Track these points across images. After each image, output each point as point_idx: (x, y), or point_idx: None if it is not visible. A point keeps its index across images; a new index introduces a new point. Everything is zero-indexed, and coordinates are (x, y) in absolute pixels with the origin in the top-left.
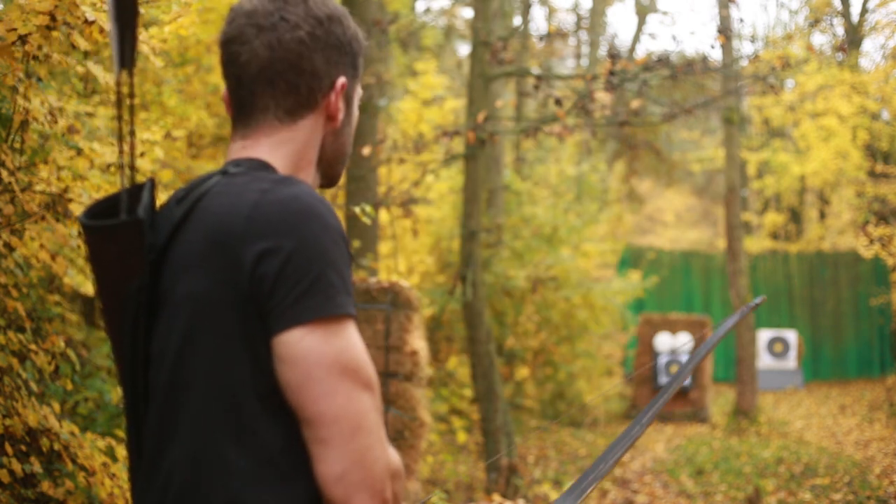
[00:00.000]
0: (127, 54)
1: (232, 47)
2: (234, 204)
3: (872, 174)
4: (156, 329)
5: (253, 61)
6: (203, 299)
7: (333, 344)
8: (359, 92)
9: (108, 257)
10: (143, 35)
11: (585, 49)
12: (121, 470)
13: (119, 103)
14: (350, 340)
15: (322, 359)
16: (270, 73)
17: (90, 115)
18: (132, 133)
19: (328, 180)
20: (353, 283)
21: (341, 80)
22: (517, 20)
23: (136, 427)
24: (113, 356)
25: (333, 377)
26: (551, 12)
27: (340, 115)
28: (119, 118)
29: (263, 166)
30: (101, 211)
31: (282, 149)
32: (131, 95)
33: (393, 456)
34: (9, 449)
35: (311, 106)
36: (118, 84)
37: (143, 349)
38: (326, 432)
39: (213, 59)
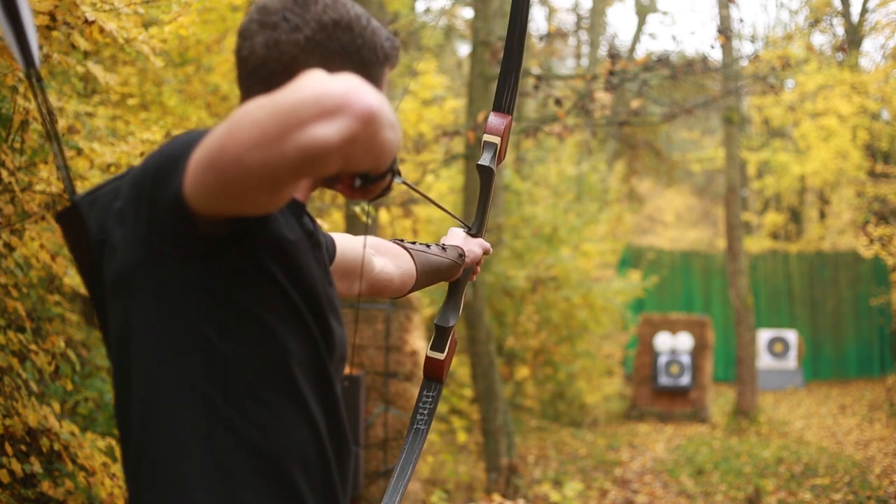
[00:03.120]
0: (28, 54)
1: (239, 40)
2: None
3: (872, 174)
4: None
5: (250, 58)
6: (128, 279)
7: (198, 150)
8: None
9: (70, 245)
10: (142, 35)
11: (585, 49)
12: (121, 470)
13: (38, 104)
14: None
15: (210, 149)
16: (264, 72)
17: (90, 115)
18: (55, 128)
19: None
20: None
21: None
22: None
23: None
24: None
25: (226, 139)
26: (551, 12)
27: None
28: (43, 116)
29: None
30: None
31: None
32: (44, 94)
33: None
34: (9, 449)
35: None
36: (30, 80)
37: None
38: (288, 122)
39: (213, 59)
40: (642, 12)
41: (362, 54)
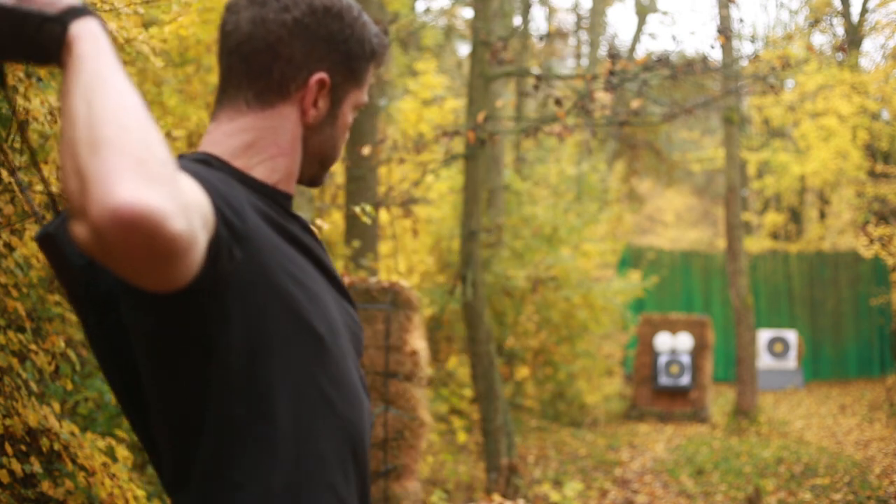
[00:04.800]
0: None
1: (225, 14)
2: None
3: (872, 174)
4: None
5: (234, 33)
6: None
7: None
8: (357, 97)
9: (53, 269)
10: (142, 35)
11: (585, 49)
12: (121, 470)
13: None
14: None
15: None
16: (247, 49)
17: None
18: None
19: (308, 179)
20: (352, 283)
21: (318, 76)
22: (517, 20)
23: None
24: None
25: None
26: (551, 12)
27: (314, 113)
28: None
29: (205, 161)
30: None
31: (239, 136)
32: (14, 112)
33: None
34: (9, 449)
35: (282, 94)
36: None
37: (107, 356)
38: None
39: (213, 59)
40: (642, 12)
41: (349, 45)
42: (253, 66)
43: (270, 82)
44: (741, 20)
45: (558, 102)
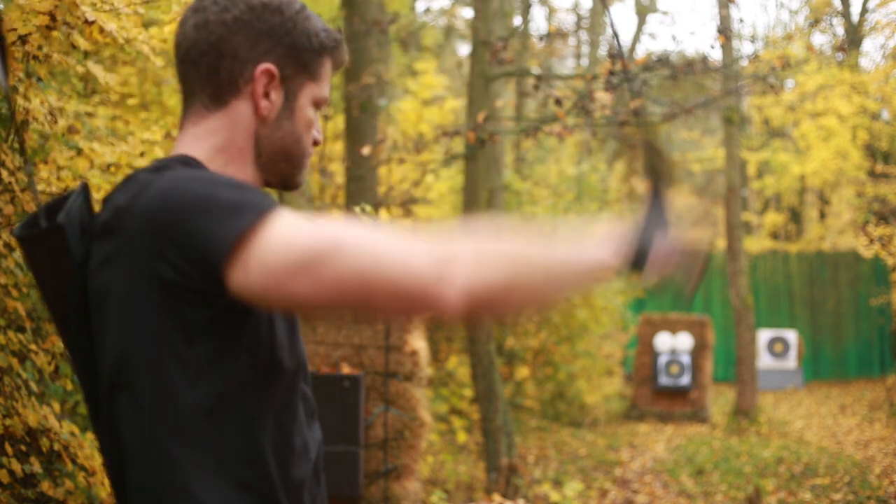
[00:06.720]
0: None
1: (176, 29)
2: (132, 196)
3: (872, 174)
4: (95, 328)
5: (183, 42)
6: (118, 297)
7: (272, 250)
8: (314, 92)
9: (41, 264)
10: (143, 35)
11: (585, 49)
12: None
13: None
14: (282, 232)
15: (281, 269)
16: (194, 54)
17: (90, 115)
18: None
19: (279, 179)
20: None
21: (262, 66)
22: (517, 20)
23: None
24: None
25: (304, 271)
26: (551, 12)
27: (266, 104)
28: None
29: (185, 162)
30: (32, 221)
31: (207, 139)
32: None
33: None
34: (9, 449)
35: (233, 91)
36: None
37: (88, 352)
38: (367, 298)
39: None
40: (642, 12)
41: (293, 37)
42: (202, 69)
43: (220, 80)
44: (741, 20)
45: (558, 102)
